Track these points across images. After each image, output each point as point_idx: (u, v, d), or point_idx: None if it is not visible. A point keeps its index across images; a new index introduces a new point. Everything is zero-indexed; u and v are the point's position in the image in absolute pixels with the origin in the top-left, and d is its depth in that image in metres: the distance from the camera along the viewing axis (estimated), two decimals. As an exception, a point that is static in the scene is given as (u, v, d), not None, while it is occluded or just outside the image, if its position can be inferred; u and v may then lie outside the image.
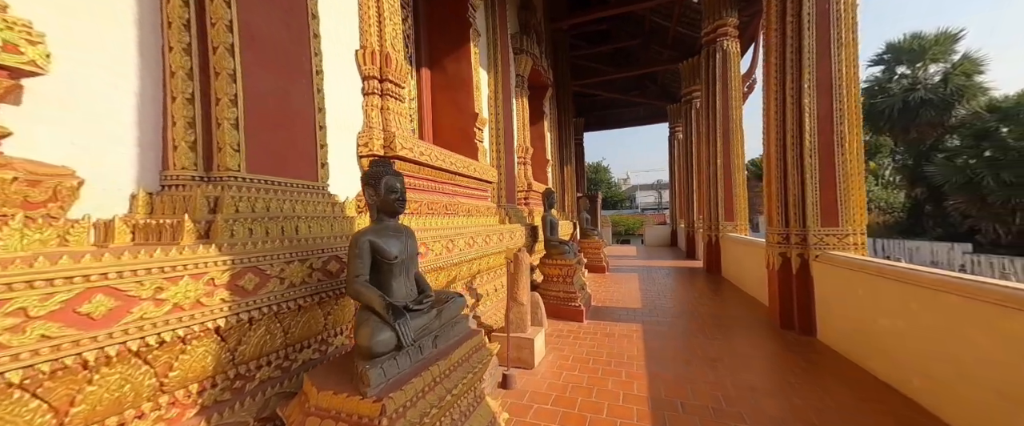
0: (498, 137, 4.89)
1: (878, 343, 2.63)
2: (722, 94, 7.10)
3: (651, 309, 4.72)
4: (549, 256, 4.67)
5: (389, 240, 1.43)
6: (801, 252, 3.62)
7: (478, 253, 3.26)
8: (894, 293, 2.46)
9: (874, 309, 2.69)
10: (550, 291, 4.56)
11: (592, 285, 6.48)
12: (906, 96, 16.26)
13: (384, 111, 2.59)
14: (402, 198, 1.50)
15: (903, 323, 2.39)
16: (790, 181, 3.70)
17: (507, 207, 4.86)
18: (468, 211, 3.57)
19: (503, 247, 3.91)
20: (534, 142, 7.51)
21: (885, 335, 2.56)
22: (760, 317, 4.17)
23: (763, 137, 4.07)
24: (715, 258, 7.23)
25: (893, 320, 2.48)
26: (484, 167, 4.04)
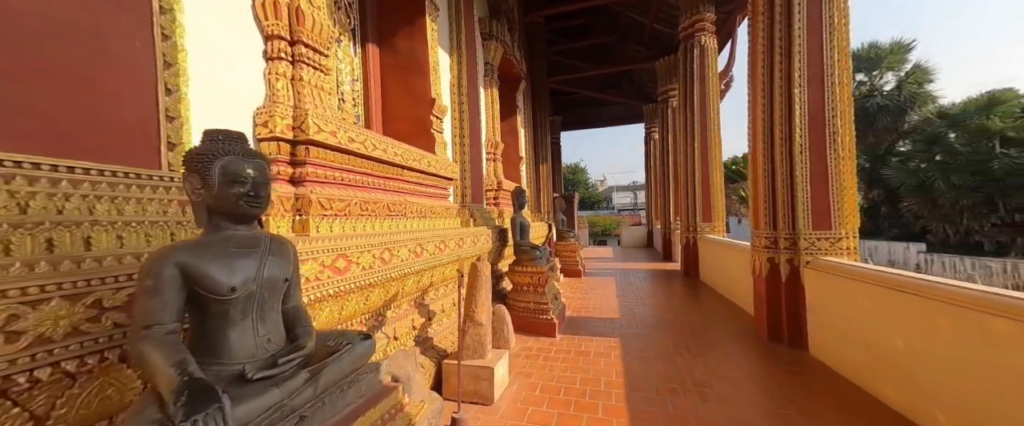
0: (462, 129, 4.35)
1: (892, 366, 2.30)
2: (700, 91, 6.87)
3: (630, 319, 4.32)
4: (519, 262, 4.17)
5: (221, 262, 0.87)
6: (791, 257, 3.31)
7: (430, 262, 2.71)
8: (914, 309, 2.12)
9: (884, 325, 2.36)
10: (519, 302, 4.07)
11: (567, 291, 6.05)
12: (864, 102, 17.00)
13: (296, 83, 2.00)
14: (255, 193, 0.94)
15: (925, 344, 2.05)
16: (778, 180, 3.39)
17: (472, 207, 4.33)
18: (421, 212, 3.01)
19: (465, 254, 3.38)
20: (505, 137, 7.00)
21: (900, 356, 2.22)
22: (745, 327, 3.85)
23: (748, 132, 3.75)
24: (693, 261, 6.99)
25: (910, 340, 2.15)
26: (443, 161, 3.50)
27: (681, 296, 5.44)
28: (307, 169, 1.96)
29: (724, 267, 5.38)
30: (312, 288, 1.63)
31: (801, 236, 3.22)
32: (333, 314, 1.83)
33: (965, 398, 1.81)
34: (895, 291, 2.22)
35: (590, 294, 5.78)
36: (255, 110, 1.85)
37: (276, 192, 1.82)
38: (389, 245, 2.23)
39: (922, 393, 2.06)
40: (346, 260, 1.84)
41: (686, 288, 6.02)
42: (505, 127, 7.13)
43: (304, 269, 1.59)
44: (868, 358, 2.48)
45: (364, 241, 2.01)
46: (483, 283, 2.63)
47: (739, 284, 4.64)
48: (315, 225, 1.88)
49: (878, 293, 2.38)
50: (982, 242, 13.10)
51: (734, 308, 4.61)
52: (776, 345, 3.33)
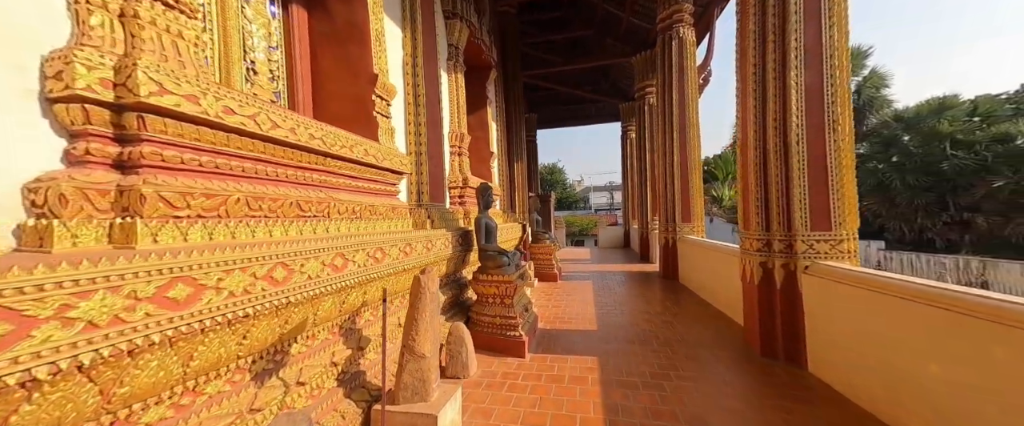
0: (417, 116, 3.75)
1: (923, 398, 1.91)
2: (679, 85, 6.58)
3: (609, 331, 3.86)
4: (484, 270, 3.62)
5: None
6: (786, 261, 2.94)
7: (361, 276, 2.11)
8: (958, 330, 1.74)
9: (909, 347, 1.98)
10: (484, 316, 3.51)
11: (542, 298, 5.56)
12: (827, 105, 17.68)
13: (129, 22, 1.35)
14: None
15: (975, 377, 1.66)
16: (771, 175, 3.01)
17: (430, 207, 3.73)
18: (355, 212, 2.40)
19: (413, 263, 2.79)
20: (474, 131, 6.43)
21: (936, 386, 1.84)
22: (735, 341, 3.47)
23: (737, 122, 3.38)
24: (672, 262, 6.68)
25: (951, 368, 1.76)
26: (389, 151, 2.89)
27: (662, 302, 5.06)
28: (143, 149, 1.32)
29: (707, 271, 5.05)
30: (117, 335, 1.01)
31: (798, 238, 2.85)
32: (171, 367, 1.21)
33: (1029, 445, 1.43)
34: (929, 307, 1.84)
35: (566, 301, 5.30)
36: (45, 55, 1.19)
37: (77, 181, 1.18)
38: (286, 259, 1.61)
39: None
40: (192, 284, 1.21)
41: (666, 292, 5.67)
42: (474, 120, 6.56)
43: (107, 301, 0.98)
44: (886, 384, 2.10)
45: (237, 254, 1.39)
46: (427, 303, 2.05)
47: (725, 290, 4.29)
48: (151, 232, 1.24)
49: (902, 308, 2.01)
50: (934, 239, 13.80)
51: (720, 317, 4.25)
52: (771, 362, 2.94)
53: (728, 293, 4.17)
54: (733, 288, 3.93)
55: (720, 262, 4.46)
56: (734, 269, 3.85)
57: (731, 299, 4.07)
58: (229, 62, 2.28)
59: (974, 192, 12.65)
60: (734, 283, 3.83)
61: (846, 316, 2.44)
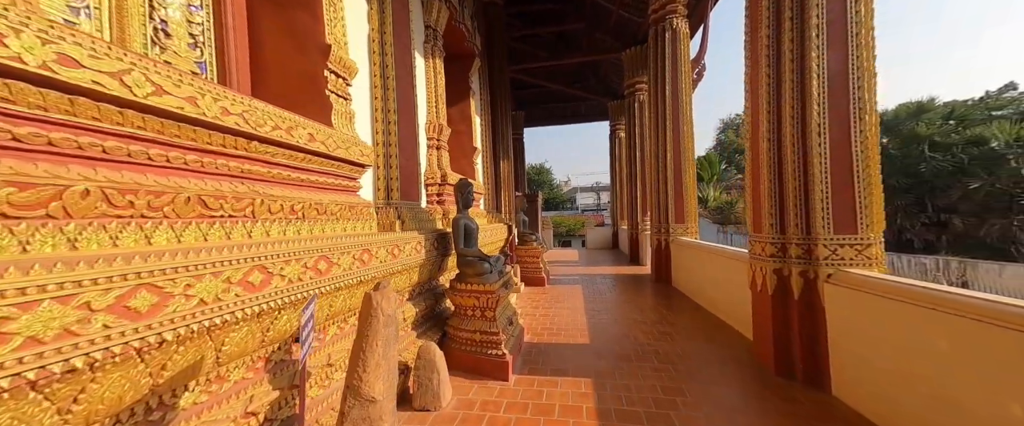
0: (386, 101, 3.25)
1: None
2: (672, 79, 6.27)
3: (602, 346, 3.45)
4: (462, 278, 3.15)
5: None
6: (805, 269, 2.58)
7: (291, 295, 1.62)
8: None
9: (972, 377, 1.63)
10: (462, 331, 3.05)
11: (529, 304, 5.13)
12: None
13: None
14: None
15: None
16: (787, 170, 2.66)
17: (401, 206, 3.25)
18: (294, 211, 1.90)
19: (380, 271, 2.32)
20: (457, 124, 5.96)
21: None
22: (743, 356, 3.11)
23: (747, 112, 3.02)
24: (665, 265, 6.36)
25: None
26: (345, 138, 2.39)
27: (658, 310, 4.70)
28: None
29: (705, 276, 4.71)
30: None
31: (820, 242, 2.50)
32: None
33: None
34: (1001, 328, 1.48)
35: (554, 308, 4.88)
36: None
37: None
38: (165, 274, 1.12)
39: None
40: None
41: (660, 298, 5.33)
42: (456, 112, 6.08)
43: None
44: (933, 416, 1.75)
45: (56, 276, 0.90)
46: (380, 329, 1.58)
47: (727, 298, 3.95)
48: None
49: (959, 328, 1.65)
50: (912, 240, 14.06)
51: (722, 328, 3.91)
52: (788, 383, 2.59)
53: (731, 302, 3.82)
54: (737, 296, 3.59)
55: (721, 267, 4.13)
56: (739, 275, 3.51)
57: (735, 308, 3.73)
58: (123, 17, 1.75)
59: (951, 194, 12.93)
60: (739, 291, 3.48)
61: (879, 333, 2.09)
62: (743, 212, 23.73)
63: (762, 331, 2.87)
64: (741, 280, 3.42)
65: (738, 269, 3.57)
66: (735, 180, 30.15)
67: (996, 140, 12.29)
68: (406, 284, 2.91)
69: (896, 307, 1.99)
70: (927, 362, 1.81)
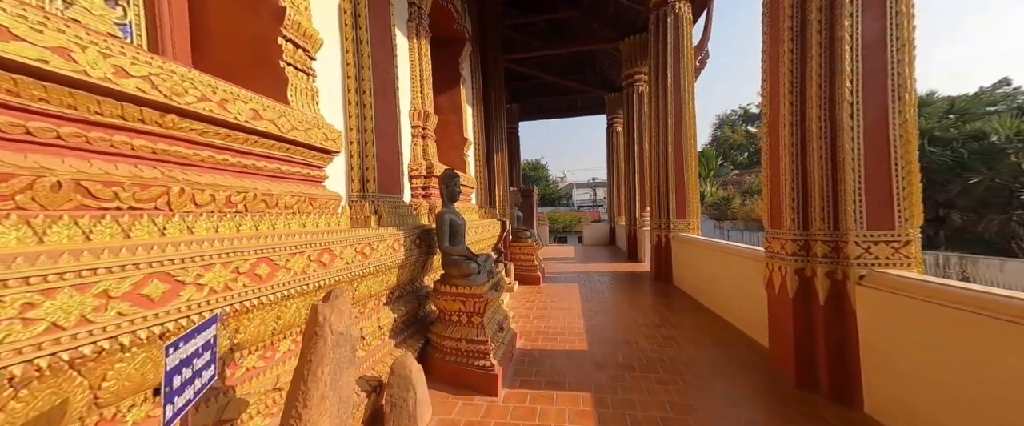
0: (360, 81, 2.89)
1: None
2: (674, 67, 5.95)
3: (602, 352, 3.15)
4: (447, 279, 2.82)
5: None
6: (832, 269, 2.28)
7: (211, 307, 1.28)
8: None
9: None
10: (447, 340, 2.72)
11: (523, 305, 4.81)
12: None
13: None
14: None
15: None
16: (813, 158, 2.35)
17: (379, 200, 2.90)
18: (232, 203, 1.56)
19: (347, 274, 1.98)
20: (446, 114, 5.59)
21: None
22: (757, 365, 2.82)
23: (764, 90, 2.71)
24: (665, 263, 6.08)
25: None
26: (303, 118, 2.03)
27: (659, 311, 4.41)
28: None
29: (710, 275, 4.42)
30: None
31: (850, 238, 2.20)
32: None
33: None
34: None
35: (550, 309, 4.58)
36: None
37: None
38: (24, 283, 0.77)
39: None
40: None
41: (661, 298, 5.04)
42: (445, 101, 5.71)
43: None
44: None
45: None
46: (328, 352, 1.24)
47: (736, 299, 3.66)
48: None
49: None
50: (910, 235, 13.93)
51: (729, 331, 3.62)
52: (811, 397, 2.30)
53: (741, 303, 3.53)
54: (748, 298, 3.30)
55: (729, 266, 3.83)
56: (750, 275, 3.21)
57: (745, 311, 3.44)
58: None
59: (950, 188, 12.79)
60: (751, 292, 3.19)
61: (923, 344, 1.80)
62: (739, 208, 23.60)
63: (780, 338, 2.57)
64: (753, 280, 3.13)
65: (750, 268, 3.28)
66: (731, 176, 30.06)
67: (996, 134, 12.15)
68: (381, 287, 2.57)
69: (945, 314, 1.69)
70: (985, 381, 1.52)
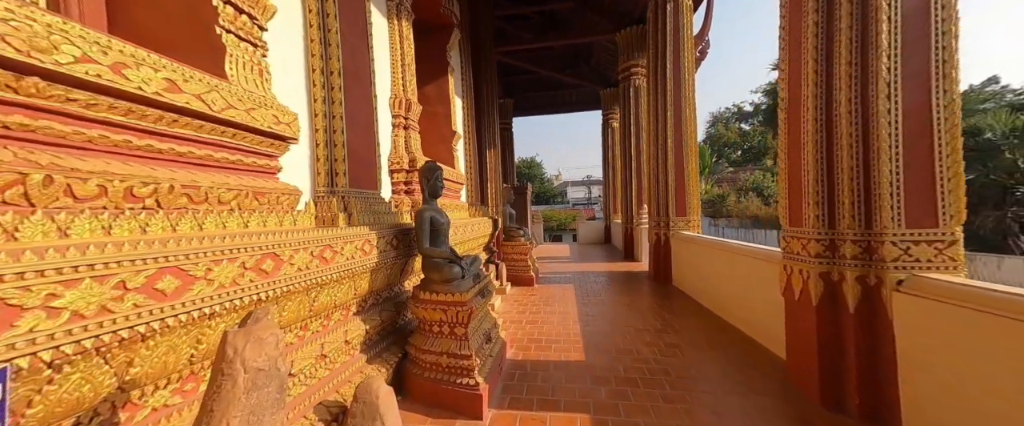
0: (327, 60, 2.54)
1: None
2: (674, 57, 5.66)
3: (601, 364, 2.85)
4: (427, 285, 2.50)
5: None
6: (864, 273, 2.00)
7: (76, 340, 0.94)
8: None
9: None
10: (426, 353, 2.40)
11: (515, 309, 4.51)
12: (803, 99, 17.62)
13: None
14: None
15: None
16: (841, 145, 2.07)
17: (350, 196, 2.56)
18: (138, 197, 1.22)
19: (301, 282, 1.65)
20: (432, 103, 5.25)
21: None
22: (772, 378, 2.54)
23: (781, 70, 2.41)
24: (664, 263, 5.81)
25: None
26: (242, 96, 1.69)
27: (661, 315, 4.13)
28: None
29: (714, 276, 4.15)
30: None
31: (886, 238, 1.92)
32: None
33: None
34: None
35: (544, 313, 4.27)
36: None
37: None
38: None
39: None
40: None
41: (661, 300, 4.76)
42: (432, 91, 5.36)
43: None
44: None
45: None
46: (235, 398, 0.91)
47: (746, 303, 3.39)
48: None
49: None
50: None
51: (737, 337, 3.35)
52: (839, 418, 2.02)
53: (751, 308, 3.26)
54: (760, 302, 3.03)
55: (736, 267, 3.56)
56: (761, 277, 2.94)
57: (756, 316, 3.16)
58: None
59: (945, 185, 12.74)
60: (763, 296, 2.92)
61: (977, 361, 1.52)
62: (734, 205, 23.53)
63: (801, 350, 2.29)
64: (764, 283, 2.85)
65: (761, 270, 3.00)
66: (726, 174, 30.07)
67: (991, 131, 12.10)
68: (349, 296, 2.24)
69: (1002, 327, 1.41)
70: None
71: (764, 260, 2.97)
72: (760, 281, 3.01)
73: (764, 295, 2.93)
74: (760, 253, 3.06)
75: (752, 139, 31.62)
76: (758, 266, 3.07)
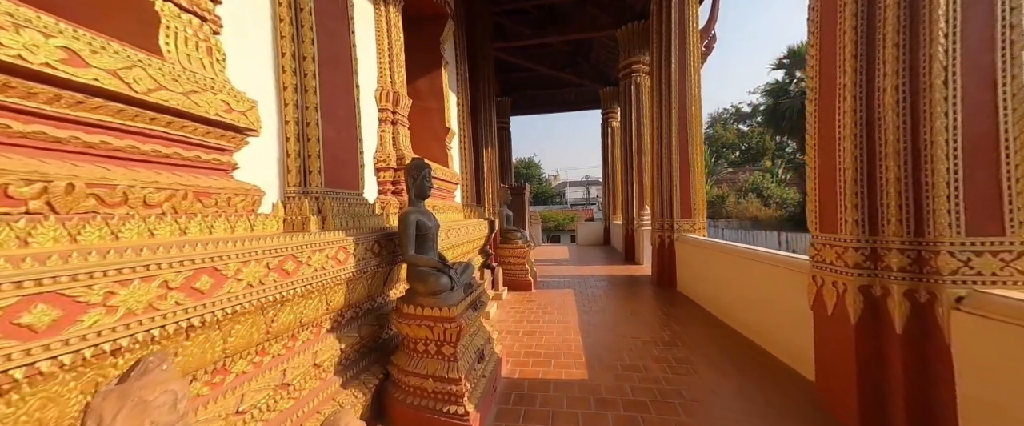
0: (298, 44, 2.24)
1: None
2: (679, 51, 5.40)
3: (607, 383, 2.57)
4: (411, 298, 2.21)
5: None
6: (913, 287, 1.74)
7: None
8: None
9: None
10: (409, 376, 2.12)
11: (511, 316, 4.23)
12: (803, 98, 17.50)
13: None
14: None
15: None
16: (884, 139, 1.80)
17: (325, 196, 2.27)
18: (32, 197, 0.93)
19: (256, 299, 1.36)
20: (424, 98, 4.96)
21: None
22: (799, 401, 2.27)
23: (812, 54, 2.15)
24: (668, 267, 5.55)
25: None
26: (178, 75, 1.40)
27: (668, 325, 3.86)
28: None
29: (725, 283, 3.88)
30: None
31: (943, 248, 1.65)
32: None
33: None
34: None
35: (542, 322, 3.99)
36: None
37: None
38: None
39: None
40: None
41: (667, 307, 4.50)
42: (425, 85, 5.07)
43: None
44: None
45: None
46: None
47: (760, 314, 3.12)
48: None
49: None
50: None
51: (757, 354, 3.08)
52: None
53: (769, 320, 2.99)
54: (779, 314, 2.76)
55: (749, 273, 3.29)
56: (781, 287, 2.67)
57: (774, 329, 2.90)
58: None
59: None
60: (785, 308, 2.65)
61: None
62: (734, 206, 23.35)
63: (836, 374, 2.02)
64: (786, 294, 2.58)
65: (782, 279, 2.73)
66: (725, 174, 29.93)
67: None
68: (319, 312, 1.95)
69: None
70: None
71: (786, 268, 2.70)
72: (781, 292, 2.74)
73: (786, 306, 2.67)
74: (782, 260, 2.79)
75: (751, 140, 31.50)
76: (778, 275, 2.81)
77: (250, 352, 1.58)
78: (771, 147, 27.97)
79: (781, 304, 2.74)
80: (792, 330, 2.57)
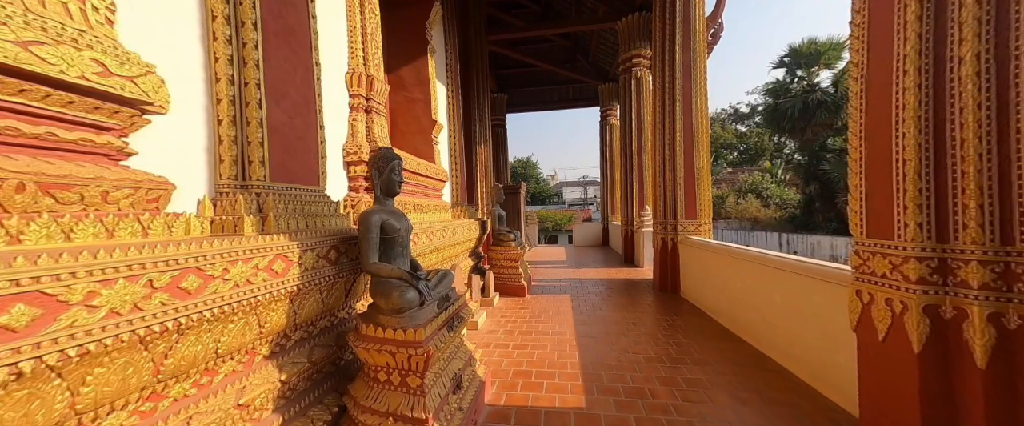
0: (235, 6, 1.85)
1: None
2: (684, 42, 5.03)
3: (607, 414, 2.18)
4: (371, 316, 1.83)
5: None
6: (999, 309, 1.36)
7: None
8: None
9: None
10: (367, 412, 1.73)
11: (501, 326, 3.84)
12: (805, 97, 17.23)
13: None
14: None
15: None
16: (960, 123, 1.43)
17: (269, 192, 1.87)
18: None
19: (139, 329, 0.96)
20: (406, 87, 4.57)
21: None
22: None
23: (857, 20, 1.77)
24: (672, 272, 5.19)
25: None
26: (24, 22, 1.01)
27: (674, 338, 3.48)
28: None
29: (738, 291, 3.51)
30: None
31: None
32: None
33: None
34: None
35: (536, 333, 3.61)
36: None
37: None
38: None
39: None
40: None
41: (672, 317, 4.12)
42: (409, 73, 4.67)
43: None
44: None
45: None
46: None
47: (785, 330, 2.74)
48: None
49: None
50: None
51: (779, 375, 2.70)
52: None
53: (793, 337, 2.61)
54: (806, 332, 2.39)
55: (767, 282, 2.91)
56: (812, 300, 2.30)
57: (800, 348, 2.52)
58: None
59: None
60: (814, 323, 2.28)
61: None
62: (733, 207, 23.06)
63: (888, 411, 1.64)
64: (819, 309, 2.21)
65: (811, 291, 2.36)
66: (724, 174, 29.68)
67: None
68: (249, 337, 1.55)
69: None
70: None
71: (818, 278, 2.32)
72: (811, 305, 2.37)
73: (815, 322, 2.30)
74: (813, 270, 2.41)
75: (749, 140, 31.31)
76: (808, 286, 2.43)
77: (134, 399, 1.18)
78: (769, 147, 27.77)
79: (806, 318, 2.38)
80: (819, 347, 2.20)
